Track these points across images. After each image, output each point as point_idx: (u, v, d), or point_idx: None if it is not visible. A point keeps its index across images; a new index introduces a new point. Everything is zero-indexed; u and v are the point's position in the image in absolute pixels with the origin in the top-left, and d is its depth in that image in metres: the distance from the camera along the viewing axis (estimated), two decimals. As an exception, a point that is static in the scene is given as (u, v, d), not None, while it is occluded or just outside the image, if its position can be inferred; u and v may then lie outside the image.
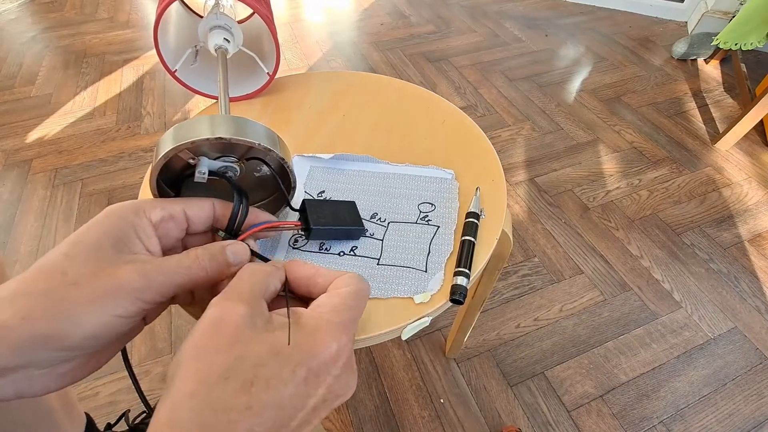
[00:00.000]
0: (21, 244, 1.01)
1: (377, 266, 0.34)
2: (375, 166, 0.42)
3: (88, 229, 0.22)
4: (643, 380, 0.81)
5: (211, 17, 0.43)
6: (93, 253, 0.21)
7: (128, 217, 0.23)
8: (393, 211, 0.38)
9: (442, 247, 0.36)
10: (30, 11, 1.95)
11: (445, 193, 0.40)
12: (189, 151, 0.26)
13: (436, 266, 0.34)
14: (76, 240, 0.21)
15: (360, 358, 0.83)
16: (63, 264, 0.20)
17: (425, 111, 0.49)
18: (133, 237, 0.23)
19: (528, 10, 1.98)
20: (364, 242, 0.36)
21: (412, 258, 0.35)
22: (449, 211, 0.38)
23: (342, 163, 0.43)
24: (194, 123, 0.25)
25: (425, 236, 0.36)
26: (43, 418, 0.47)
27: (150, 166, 0.26)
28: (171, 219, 0.25)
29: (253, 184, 0.31)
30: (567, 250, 1.01)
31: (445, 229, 0.37)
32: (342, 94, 0.51)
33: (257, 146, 0.26)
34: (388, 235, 0.36)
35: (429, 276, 0.34)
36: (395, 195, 0.40)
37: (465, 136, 0.46)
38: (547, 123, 1.36)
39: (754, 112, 1.16)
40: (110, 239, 0.22)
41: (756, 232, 1.05)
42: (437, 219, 0.38)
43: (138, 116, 1.37)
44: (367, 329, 0.31)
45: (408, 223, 0.37)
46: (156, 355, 0.82)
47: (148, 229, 0.24)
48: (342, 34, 1.81)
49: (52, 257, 0.21)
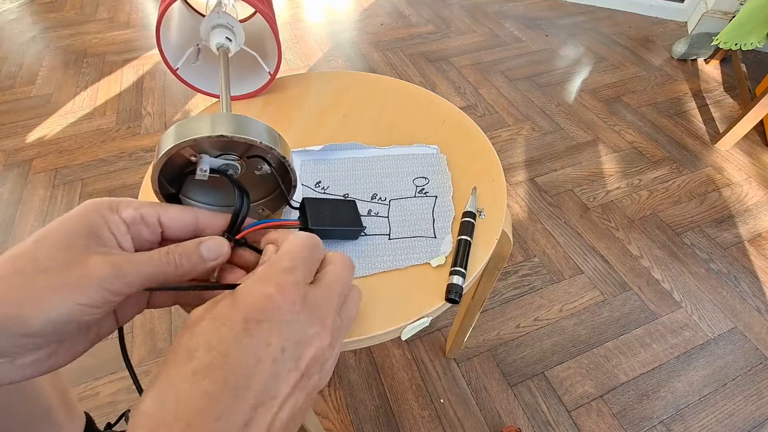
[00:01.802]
0: (21, 244, 1.01)
1: (389, 241, 0.36)
2: (364, 151, 0.44)
3: (63, 219, 0.22)
4: (643, 380, 0.81)
5: (213, 16, 0.43)
6: (64, 241, 0.21)
7: (102, 212, 0.23)
8: (391, 189, 0.40)
9: (444, 213, 0.38)
10: (30, 11, 1.95)
11: (435, 167, 0.42)
12: (191, 149, 0.26)
13: (443, 231, 0.37)
14: (49, 229, 0.22)
15: (360, 358, 0.83)
16: (34, 250, 0.21)
17: (425, 111, 0.49)
18: (105, 231, 0.23)
19: (528, 10, 1.98)
20: (371, 222, 0.37)
21: (420, 227, 0.37)
22: (443, 180, 0.41)
23: (332, 153, 0.44)
24: (196, 121, 0.25)
25: (427, 206, 0.39)
26: (41, 417, 0.47)
27: (152, 164, 0.26)
28: (142, 221, 0.25)
29: (254, 183, 0.31)
30: (567, 250, 1.01)
31: (443, 198, 0.39)
32: (342, 94, 0.51)
33: (259, 144, 0.26)
34: (392, 211, 0.38)
35: (439, 241, 0.36)
36: (389, 174, 0.42)
37: (465, 136, 0.46)
38: (547, 123, 1.36)
39: (754, 112, 1.16)
40: (83, 230, 0.22)
41: (756, 232, 1.05)
42: (434, 189, 0.40)
43: (138, 116, 1.37)
44: (367, 329, 0.31)
45: (407, 198, 0.39)
46: (156, 355, 0.82)
47: (121, 226, 0.24)
48: (342, 34, 1.81)
49: (24, 244, 0.21)
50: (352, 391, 0.79)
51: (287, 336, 0.20)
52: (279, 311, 0.20)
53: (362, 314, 0.31)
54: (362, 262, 0.34)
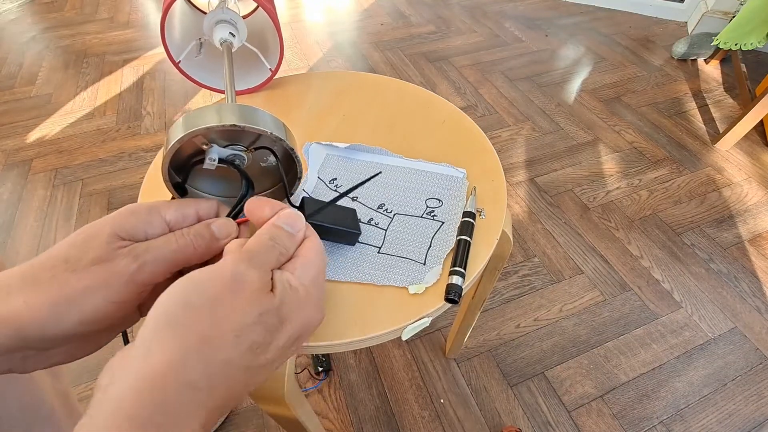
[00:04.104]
0: (21, 244, 1.01)
1: (377, 254, 0.35)
2: (388, 159, 0.43)
3: (99, 221, 0.23)
4: (643, 380, 0.81)
5: (217, 11, 0.44)
6: (94, 241, 0.22)
7: (140, 214, 0.23)
8: (400, 203, 0.39)
9: (443, 243, 0.36)
10: (30, 11, 1.95)
11: (454, 191, 0.40)
12: (203, 137, 0.27)
13: (435, 260, 0.35)
14: (82, 230, 0.22)
15: (360, 358, 0.83)
16: (67, 252, 0.21)
17: (425, 111, 0.49)
18: (140, 231, 0.23)
19: (528, 10, 1.98)
20: (367, 230, 0.37)
21: (413, 250, 0.35)
22: (456, 208, 0.39)
23: (356, 153, 0.43)
24: (205, 111, 0.26)
25: (429, 230, 0.37)
26: (42, 419, 0.47)
27: (161, 152, 0.27)
28: (184, 220, 0.25)
29: (259, 175, 0.32)
30: (567, 250, 1.01)
31: (449, 226, 0.37)
32: (342, 95, 0.51)
33: (268, 135, 0.26)
34: (392, 225, 0.37)
35: (427, 269, 0.34)
36: (404, 188, 0.40)
37: (465, 136, 0.46)
38: (547, 123, 1.36)
39: (754, 112, 1.16)
40: (115, 229, 0.22)
41: (756, 232, 1.05)
42: (443, 215, 0.38)
43: (138, 116, 1.37)
44: (367, 329, 0.31)
45: (413, 216, 0.38)
46: (156, 355, 0.82)
47: (158, 227, 0.24)
48: (342, 34, 1.81)
49: (59, 246, 0.22)
50: (352, 391, 0.79)
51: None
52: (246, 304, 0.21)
53: (362, 314, 0.31)
54: (345, 269, 0.34)
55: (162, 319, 0.18)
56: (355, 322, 0.31)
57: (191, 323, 0.18)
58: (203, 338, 0.18)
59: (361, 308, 0.32)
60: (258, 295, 0.20)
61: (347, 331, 0.30)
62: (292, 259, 0.24)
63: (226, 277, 0.20)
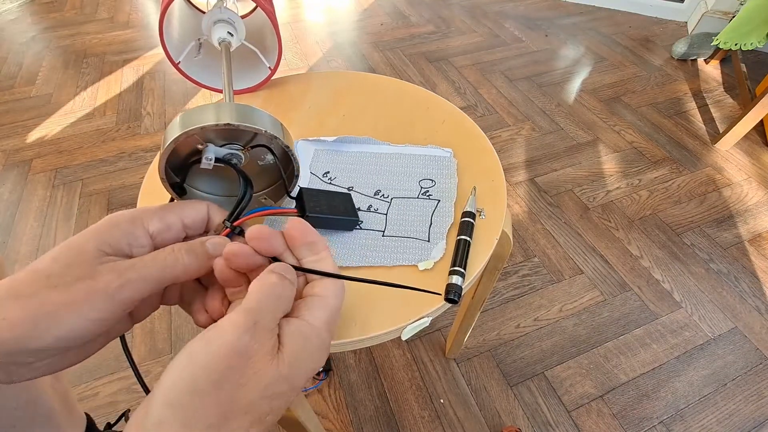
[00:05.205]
0: (21, 244, 1.01)
1: (382, 238, 0.36)
2: (376, 147, 0.44)
3: (81, 234, 0.22)
4: (643, 380, 0.81)
5: (215, 11, 0.44)
6: (78, 257, 0.21)
7: (122, 225, 0.23)
8: (395, 187, 0.40)
9: (443, 219, 0.37)
10: (30, 11, 1.95)
11: (445, 170, 0.42)
12: (198, 137, 0.27)
13: (438, 236, 0.36)
14: (66, 244, 0.22)
15: (360, 358, 0.83)
16: (50, 267, 0.21)
17: (425, 111, 0.49)
18: (123, 244, 0.23)
19: (528, 10, 1.98)
20: (368, 217, 0.37)
21: (415, 229, 0.37)
22: (449, 185, 0.40)
23: (345, 146, 0.44)
24: (202, 110, 0.26)
25: (427, 209, 0.38)
26: (43, 420, 0.47)
27: (159, 152, 0.27)
28: (168, 230, 0.25)
29: (257, 173, 0.32)
30: (567, 250, 1.01)
31: (446, 203, 0.39)
32: (342, 94, 0.51)
33: (263, 133, 0.27)
34: (392, 209, 0.38)
35: (432, 245, 0.35)
36: (397, 173, 0.42)
37: (465, 136, 0.46)
38: (547, 123, 1.36)
39: (754, 112, 1.16)
40: (99, 244, 0.22)
41: (756, 232, 1.05)
42: (438, 193, 0.40)
43: (138, 116, 1.37)
44: (367, 329, 0.31)
45: (410, 198, 0.39)
46: (156, 355, 0.82)
47: (142, 238, 0.23)
48: (342, 34, 1.81)
49: (42, 260, 0.21)
50: (352, 391, 0.79)
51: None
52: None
53: (362, 314, 0.31)
54: (352, 254, 0.35)
55: (168, 412, 0.18)
56: (355, 322, 0.31)
57: (198, 412, 0.18)
58: (210, 426, 0.18)
59: (360, 308, 0.32)
60: (264, 366, 0.19)
61: (347, 331, 0.30)
62: (308, 298, 0.23)
63: (231, 353, 0.19)
